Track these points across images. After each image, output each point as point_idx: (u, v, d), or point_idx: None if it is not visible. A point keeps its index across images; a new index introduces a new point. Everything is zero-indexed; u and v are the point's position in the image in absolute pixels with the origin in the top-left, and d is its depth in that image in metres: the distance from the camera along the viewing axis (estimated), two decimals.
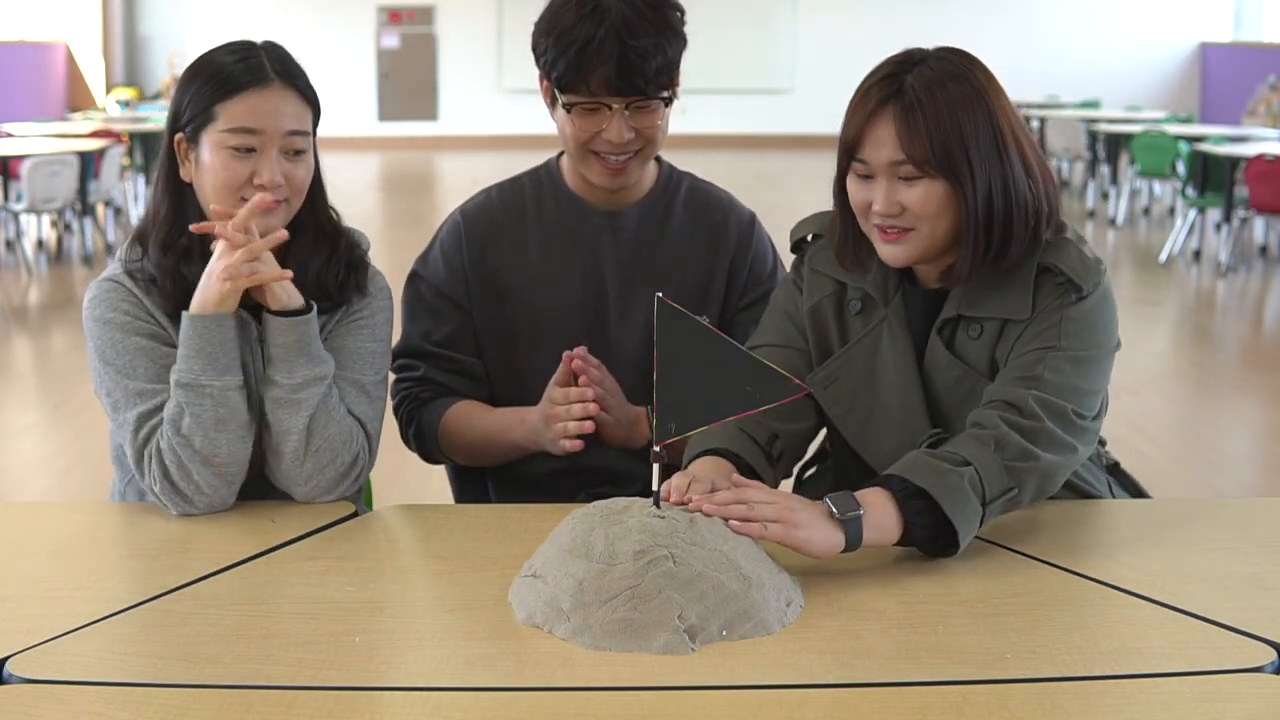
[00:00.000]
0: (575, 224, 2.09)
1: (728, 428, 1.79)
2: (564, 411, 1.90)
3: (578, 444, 1.90)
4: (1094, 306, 1.76)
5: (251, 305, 1.87)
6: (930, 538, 1.62)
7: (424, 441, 2.12)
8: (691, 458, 1.79)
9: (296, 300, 1.83)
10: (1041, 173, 1.77)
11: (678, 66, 1.97)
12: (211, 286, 1.77)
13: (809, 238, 1.96)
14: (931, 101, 1.69)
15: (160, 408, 1.80)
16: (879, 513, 1.60)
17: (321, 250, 1.91)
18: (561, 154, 2.13)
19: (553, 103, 1.99)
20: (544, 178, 2.14)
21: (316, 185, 1.91)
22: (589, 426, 1.90)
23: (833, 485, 1.95)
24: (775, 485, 1.80)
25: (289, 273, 1.81)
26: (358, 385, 1.92)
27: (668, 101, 1.97)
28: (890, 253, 1.77)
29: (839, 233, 1.86)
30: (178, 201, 1.85)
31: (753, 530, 1.53)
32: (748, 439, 1.80)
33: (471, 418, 2.08)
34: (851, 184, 1.78)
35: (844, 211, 1.83)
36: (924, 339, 1.84)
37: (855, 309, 1.88)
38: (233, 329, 1.79)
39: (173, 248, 1.83)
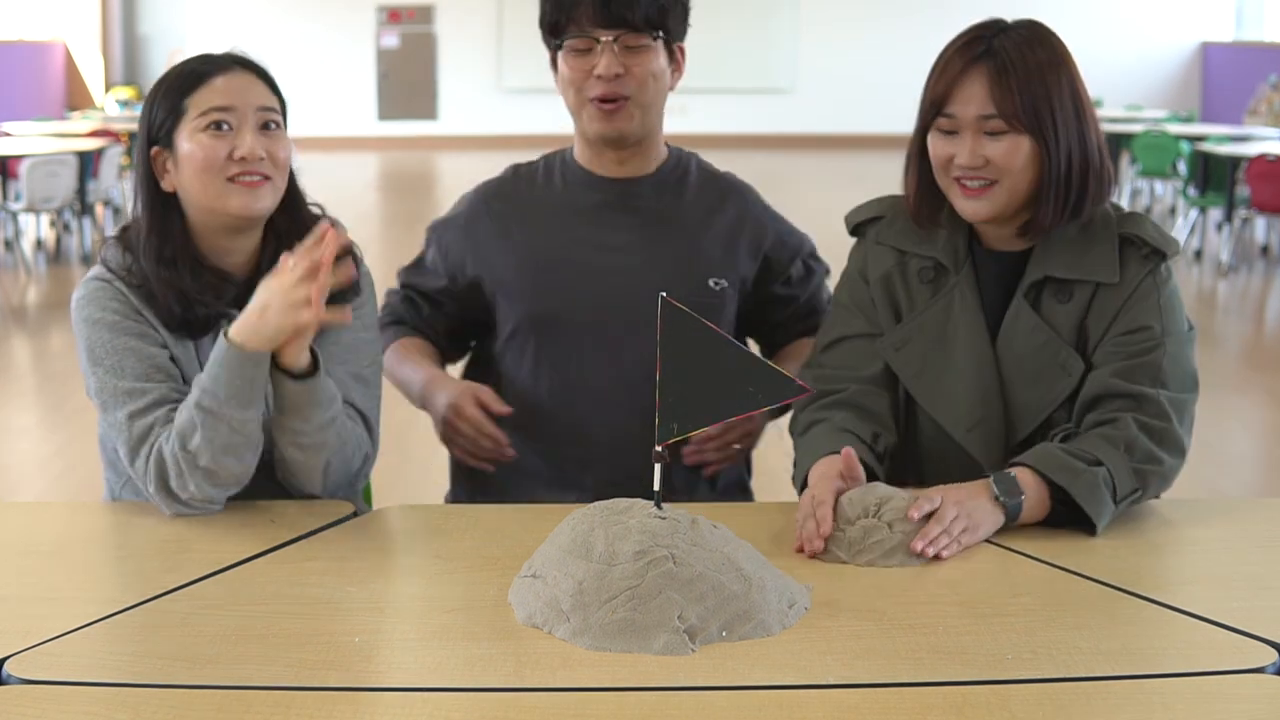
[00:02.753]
0: (583, 194, 2.13)
1: (833, 433, 1.84)
2: (470, 434, 2.04)
3: (486, 466, 2.07)
4: (1177, 288, 1.87)
5: (240, 304, 1.86)
6: (1065, 522, 1.74)
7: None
8: (806, 468, 1.81)
9: (305, 359, 1.79)
10: (1099, 139, 1.85)
11: (673, 12, 2.01)
12: (272, 317, 1.70)
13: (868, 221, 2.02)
14: (1022, 61, 1.78)
15: (151, 406, 1.79)
16: (1034, 495, 1.72)
17: None
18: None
19: (554, 64, 2.05)
20: (556, 159, 2.20)
21: (295, 193, 1.90)
22: (487, 466, 2.07)
23: (898, 455, 1.95)
24: (886, 481, 1.81)
25: (347, 318, 1.80)
26: (357, 376, 1.93)
27: (657, 40, 2.00)
28: (971, 207, 1.83)
29: (915, 192, 1.91)
30: (161, 214, 1.85)
31: (953, 550, 1.64)
32: (855, 439, 1.83)
33: (406, 357, 2.17)
34: (934, 139, 1.84)
35: (921, 171, 1.89)
36: (998, 303, 1.89)
37: (927, 277, 1.93)
38: (267, 368, 1.76)
39: (162, 260, 1.83)
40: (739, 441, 2.09)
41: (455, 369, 2.29)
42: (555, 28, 2.00)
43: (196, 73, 1.83)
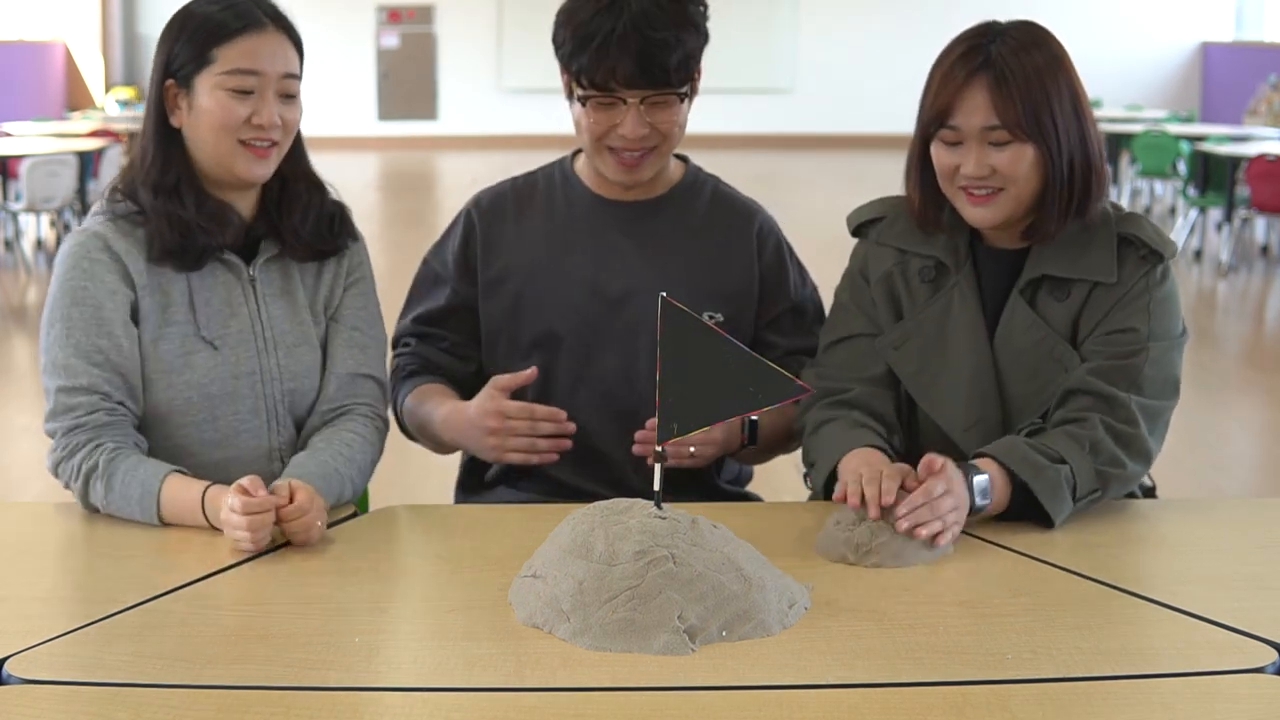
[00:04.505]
0: (586, 217, 2.08)
1: (852, 428, 1.85)
2: (524, 426, 1.92)
3: (551, 457, 1.95)
4: (1173, 286, 1.86)
5: (240, 247, 1.90)
6: (1019, 516, 1.75)
7: (398, 418, 2.13)
8: (831, 462, 1.82)
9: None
10: (1098, 137, 1.85)
11: (698, 61, 1.95)
12: (226, 528, 1.66)
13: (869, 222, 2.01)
14: (1020, 69, 1.78)
15: (78, 390, 1.79)
16: (998, 492, 1.73)
17: (315, 200, 1.95)
18: (576, 153, 2.13)
19: (570, 94, 1.98)
20: (556, 174, 2.14)
21: (298, 142, 1.94)
22: (552, 453, 1.95)
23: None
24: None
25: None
26: (378, 343, 2.00)
27: (684, 97, 1.96)
28: (979, 214, 1.83)
29: (918, 199, 1.91)
30: (166, 147, 1.87)
31: (945, 539, 1.64)
32: (874, 434, 1.85)
33: (422, 401, 2.07)
34: (938, 150, 1.84)
35: (923, 177, 1.88)
36: (998, 302, 1.89)
37: (928, 276, 1.92)
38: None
39: (163, 190, 1.85)
40: (694, 446, 1.94)
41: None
42: (581, 77, 1.92)
43: (228, 25, 1.83)
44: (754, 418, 1.93)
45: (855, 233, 2.02)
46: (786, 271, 2.13)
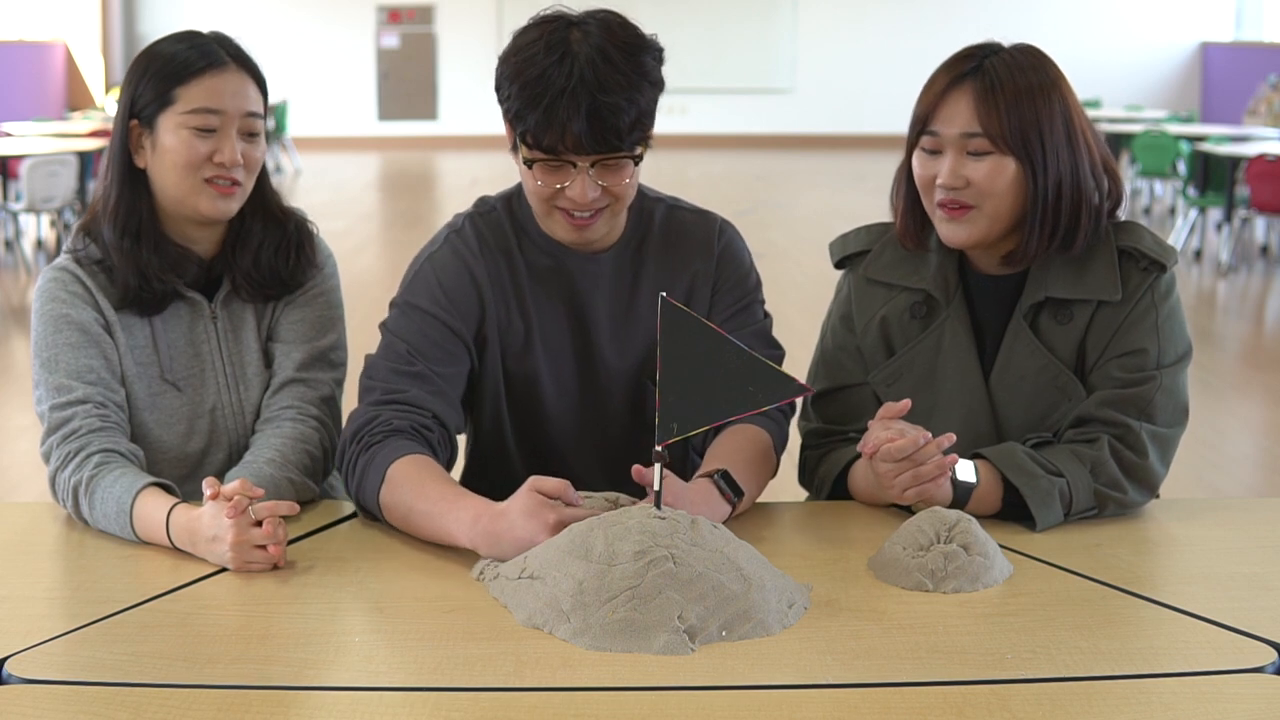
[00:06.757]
0: (557, 270, 1.93)
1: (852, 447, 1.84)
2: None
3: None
4: (1178, 298, 1.83)
5: (201, 284, 1.92)
6: (1012, 517, 1.75)
7: (367, 478, 1.75)
8: (840, 464, 1.86)
9: None
10: (1106, 168, 1.81)
11: (652, 116, 1.79)
12: (219, 551, 1.61)
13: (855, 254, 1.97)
14: (1011, 81, 1.74)
15: (72, 403, 1.83)
16: (987, 493, 1.73)
17: (273, 236, 1.95)
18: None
19: (514, 147, 1.82)
20: (504, 218, 1.95)
21: (262, 174, 1.94)
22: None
23: None
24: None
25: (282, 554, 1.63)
26: (321, 354, 1.96)
27: (638, 159, 1.80)
28: (952, 232, 1.79)
29: (902, 213, 1.88)
30: (132, 188, 1.88)
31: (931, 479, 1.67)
32: None
33: (418, 476, 1.71)
34: (917, 160, 1.81)
35: (909, 191, 1.85)
36: (994, 329, 1.86)
37: (919, 313, 1.89)
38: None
39: (128, 233, 1.86)
40: None
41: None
42: (527, 138, 1.75)
43: (191, 64, 1.83)
44: (725, 469, 1.76)
45: (839, 264, 1.99)
46: (739, 262, 1.98)
